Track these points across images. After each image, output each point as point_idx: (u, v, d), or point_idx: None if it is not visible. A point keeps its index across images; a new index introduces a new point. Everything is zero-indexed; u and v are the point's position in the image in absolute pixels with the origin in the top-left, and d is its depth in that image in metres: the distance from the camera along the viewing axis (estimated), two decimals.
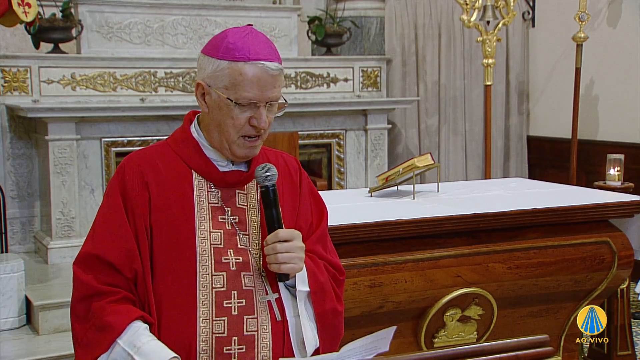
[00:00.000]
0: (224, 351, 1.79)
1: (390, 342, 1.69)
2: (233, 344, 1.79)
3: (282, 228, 1.83)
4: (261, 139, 1.88)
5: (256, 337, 1.82)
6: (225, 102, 1.81)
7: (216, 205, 1.87)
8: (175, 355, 1.73)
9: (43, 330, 4.16)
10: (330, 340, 1.93)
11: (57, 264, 4.97)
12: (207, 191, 1.88)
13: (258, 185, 1.87)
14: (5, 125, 5.29)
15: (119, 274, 1.80)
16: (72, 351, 1.84)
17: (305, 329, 1.86)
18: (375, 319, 2.78)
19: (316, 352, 1.89)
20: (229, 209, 1.88)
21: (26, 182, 5.37)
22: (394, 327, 1.68)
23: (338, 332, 1.96)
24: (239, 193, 1.91)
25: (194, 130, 1.92)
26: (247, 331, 1.81)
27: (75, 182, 5.06)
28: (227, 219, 1.87)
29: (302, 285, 1.87)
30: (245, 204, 1.91)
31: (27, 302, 4.29)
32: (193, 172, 1.89)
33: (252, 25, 1.91)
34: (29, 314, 4.29)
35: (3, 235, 5.03)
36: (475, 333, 3.01)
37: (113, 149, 5.19)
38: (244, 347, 1.80)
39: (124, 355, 1.73)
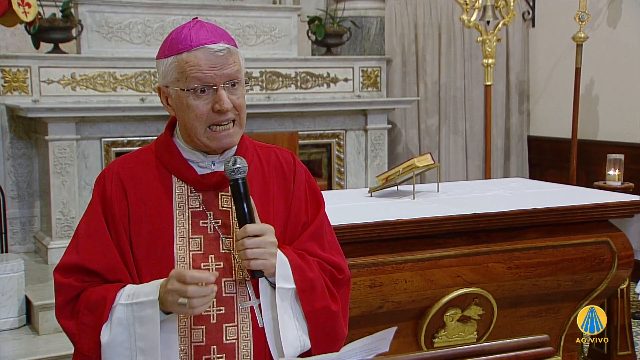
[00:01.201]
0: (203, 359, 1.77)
1: (391, 342, 1.69)
2: (212, 352, 1.77)
3: (254, 223, 1.77)
4: (237, 124, 1.81)
5: (236, 345, 1.78)
6: (182, 95, 1.77)
7: (197, 209, 1.83)
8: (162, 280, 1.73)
9: (43, 330, 4.16)
10: (325, 341, 1.85)
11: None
12: (188, 196, 1.84)
13: (228, 179, 1.80)
14: (5, 125, 5.29)
15: (101, 278, 1.80)
16: (72, 351, 1.82)
17: (287, 329, 1.79)
18: (375, 319, 2.78)
19: (308, 354, 1.84)
20: (211, 212, 1.84)
21: (26, 182, 5.37)
22: (395, 328, 1.68)
23: (334, 333, 1.87)
24: (222, 195, 1.86)
25: (175, 134, 1.89)
26: (226, 339, 1.78)
27: (75, 182, 5.06)
28: (210, 223, 1.83)
29: (285, 282, 1.79)
30: (230, 206, 1.85)
31: (27, 302, 4.29)
32: (173, 177, 1.85)
33: (197, 18, 1.88)
34: (29, 314, 4.29)
35: (3, 235, 5.03)
36: (475, 333, 3.01)
37: (113, 149, 5.19)
38: (224, 355, 1.77)
39: (124, 309, 1.73)
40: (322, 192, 2.06)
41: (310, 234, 1.92)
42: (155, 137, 1.99)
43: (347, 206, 3.11)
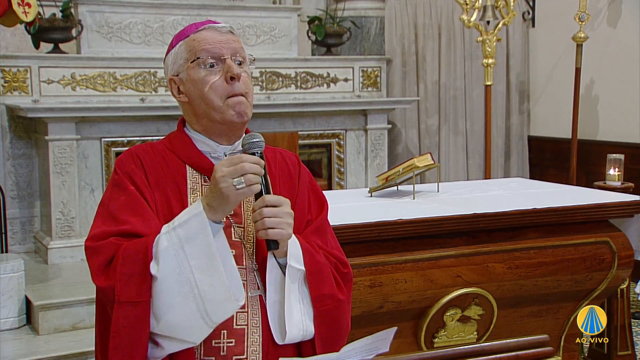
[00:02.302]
0: (213, 344, 1.77)
1: (391, 342, 1.69)
2: (222, 337, 1.78)
3: (270, 194, 1.79)
4: (247, 101, 1.85)
5: (246, 331, 1.80)
6: (194, 71, 1.83)
7: None
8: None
9: (43, 330, 4.16)
10: (329, 330, 1.86)
11: (57, 264, 4.97)
12: (202, 184, 1.87)
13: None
14: (5, 125, 5.29)
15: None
16: (72, 351, 1.82)
17: (292, 311, 1.79)
18: (375, 319, 2.78)
19: (312, 349, 1.84)
20: None
21: (26, 182, 5.37)
22: (395, 328, 1.68)
23: (339, 323, 1.88)
24: None
25: (187, 128, 1.93)
26: (236, 325, 1.79)
27: (75, 182, 5.06)
28: None
29: (296, 262, 1.81)
30: None
31: (27, 302, 4.29)
32: (187, 166, 1.88)
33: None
34: (29, 314, 4.29)
35: (3, 235, 5.03)
36: (475, 333, 3.01)
37: (113, 149, 5.19)
38: (233, 340, 1.79)
39: (167, 237, 1.67)
40: (322, 192, 2.08)
41: (313, 229, 1.95)
42: (156, 137, 2.00)
43: (347, 206, 3.11)
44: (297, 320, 1.81)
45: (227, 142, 1.89)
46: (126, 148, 5.11)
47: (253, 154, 1.78)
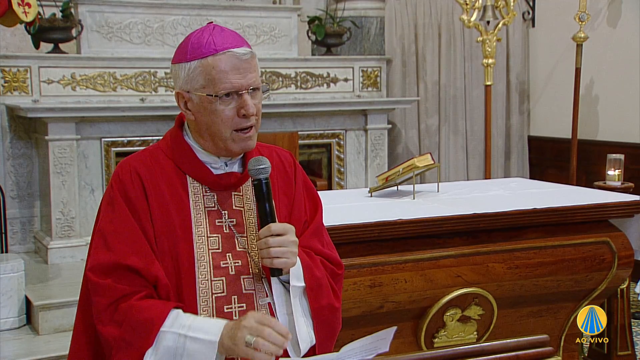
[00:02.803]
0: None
1: (391, 342, 1.69)
2: None
3: (275, 222, 1.81)
4: (255, 129, 1.85)
5: None
6: (208, 101, 1.80)
7: (212, 209, 1.86)
8: (227, 320, 1.71)
9: (43, 330, 4.16)
10: (326, 336, 1.90)
11: (57, 264, 4.97)
12: (203, 195, 1.87)
13: (251, 179, 1.84)
14: (5, 125, 5.29)
15: (140, 277, 1.75)
16: None
17: (300, 325, 1.83)
18: (375, 319, 2.78)
19: (312, 350, 1.88)
20: (226, 211, 1.87)
21: (26, 182, 5.37)
22: (394, 328, 1.68)
23: (334, 328, 1.93)
24: (235, 195, 1.90)
25: (186, 134, 1.91)
26: None
27: (75, 182, 5.06)
28: (225, 222, 1.86)
29: (297, 280, 1.84)
30: (242, 206, 1.89)
31: (27, 302, 4.29)
32: (187, 176, 1.87)
33: (212, 22, 1.91)
34: (29, 314, 4.29)
35: (3, 235, 5.03)
36: (475, 333, 3.01)
37: (113, 149, 5.19)
38: None
39: (176, 338, 1.69)
40: (322, 192, 2.11)
41: (312, 232, 1.97)
42: (156, 137, 2.00)
43: (347, 206, 3.11)
44: (304, 334, 1.85)
45: (228, 156, 1.89)
46: (126, 148, 5.14)
47: (259, 180, 1.80)
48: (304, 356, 1.86)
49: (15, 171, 5.34)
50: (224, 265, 1.82)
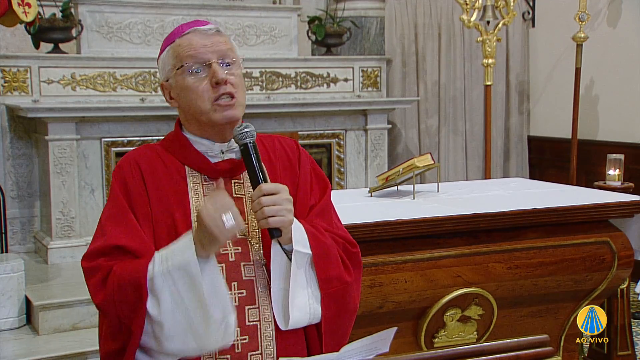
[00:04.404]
0: None
1: (391, 342, 1.69)
2: (236, 335, 1.78)
3: (267, 182, 1.81)
4: (236, 100, 1.85)
5: (258, 326, 1.81)
6: (181, 77, 1.85)
7: None
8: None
9: (43, 330, 4.16)
10: (336, 311, 1.85)
11: (57, 264, 4.97)
12: (202, 184, 1.89)
13: (238, 144, 1.85)
14: (5, 125, 5.29)
15: (128, 254, 1.77)
16: (72, 351, 1.83)
17: (297, 294, 1.80)
18: (375, 319, 2.78)
19: (316, 327, 1.85)
20: None
21: (26, 182, 5.37)
22: (395, 328, 1.68)
23: (346, 304, 1.88)
24: (235, 183, 1.91)
25: (183, 129, 1.95)
26: (249, 321, 1.80)
27: (75, 182, 5.06)
28: None
29: (303, 247, 1.81)
30: (243, 193, 1.90)
31: (27, 302, 4.29)
32: (186, 167, 1.90)
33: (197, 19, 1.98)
34: (29, 314, 4.29)
35: (3, 235, 5.03)
36: (475, 333, 3.01)
37: (113, 149, 5.19)
38: (247, 337, 1.80)
39: (162, 279, 1.70)
40: None
41: (317, 212, 1.96)
42: (156, 137, 2.03)
43: (347, 206, 3.11)
44: (302, 304, 1.81)
45: (222, 140, 1.91)
46: (126, 148, 5.14)
47: (245, 144, 1.81)
48: (309, 340, 1.87)
49: (15, 171, 5.34)
50: (223, 252, 1.82)
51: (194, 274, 1.69)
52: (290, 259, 1.82)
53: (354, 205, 3.15)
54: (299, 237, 1.82)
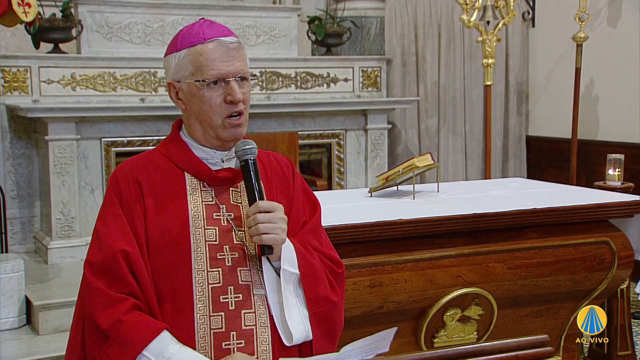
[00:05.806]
0: (223, 346, 1.79)
1: (391, 342, 1.69)
2: (232, 338, 1.80)
3: (264, 200, 1.84)
4: (244, 117, 1.89)
5: (255, 331, 1.82)
6: (196, 88, 1.85)
7: (210, 203, 1.89)
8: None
9: (43, 330, 4.16)
10: (325, 331, 1.89)
11: (57, 264, 4.97)
12: (201, 190, 1.90)
13: (239, 160, 1.89)
14: (5, 125, 5.29)
15: (129, 276, 1.79)
16: None
17: (291, 312, 1.83)
18: (375, 319, 2.78)
19: (309, 345, 1.87)
20: (224, 205, 1.90)
21: (26, 182, 5.37)
22: (395, 328, 1.68)
23: (333, 323, 1.92)
24: (232, 191, 1.93)
25: (182, 134, 1.96)
26: (245, 325, 1.81)
27: (75, 182, 5.06)
28: (222, 216, 1.88)
29: (290, 266, 1.85)
30: (240, 201, 1.92)
31: (27, 302, 4.29)
32: (185, 173, 1.91)
33: (203, 18, 1.97)
34: (29, 314, 4.29)
35: (3, 235, 5.03)
36: (475, 333, 3.01)
37: (113, 149, 5.19)
38: (243, 341, 1.80)
39: None
40: (322, 192, 2.12)
41: (308, 230, 1.99)
42: (156, 137, 2.03)
43: (347, 206, 3.11)
44: (297, 322, 1.84)
45: (223, 149, 1.93)
46: (126, 148, 5.14)
47: (246, 160, 1.85)
48: (302, 354, 1.87)
49: (15, 171, 5.34)
50: (220, 257, 1.84)
51: None
52: (278, 275, 1.86)
53: (354, 205, 3.15)
54: (288, 256, 1.86)
